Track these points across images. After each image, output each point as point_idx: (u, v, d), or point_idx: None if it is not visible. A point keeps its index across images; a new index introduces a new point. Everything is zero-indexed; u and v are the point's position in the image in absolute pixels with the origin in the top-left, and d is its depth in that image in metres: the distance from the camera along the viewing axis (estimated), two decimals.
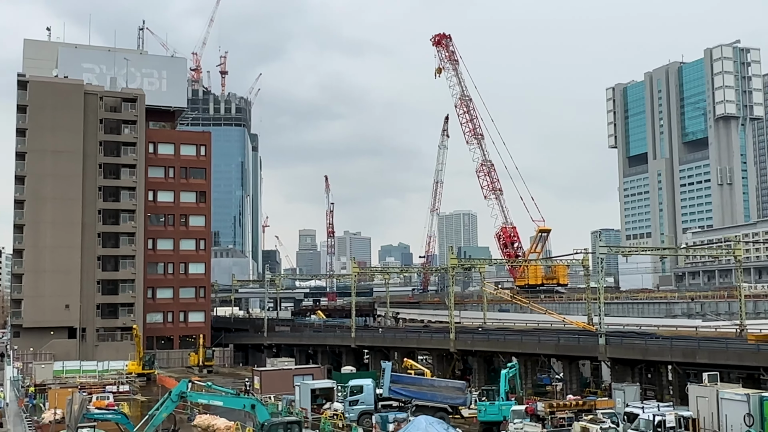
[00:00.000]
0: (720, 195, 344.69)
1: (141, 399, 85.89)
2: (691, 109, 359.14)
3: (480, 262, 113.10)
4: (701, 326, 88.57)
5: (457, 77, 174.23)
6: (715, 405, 53.30)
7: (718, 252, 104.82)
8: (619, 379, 68.88)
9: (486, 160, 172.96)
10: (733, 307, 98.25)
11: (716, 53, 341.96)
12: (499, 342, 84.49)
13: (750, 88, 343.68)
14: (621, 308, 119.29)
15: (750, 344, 64.37)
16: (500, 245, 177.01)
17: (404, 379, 70.79)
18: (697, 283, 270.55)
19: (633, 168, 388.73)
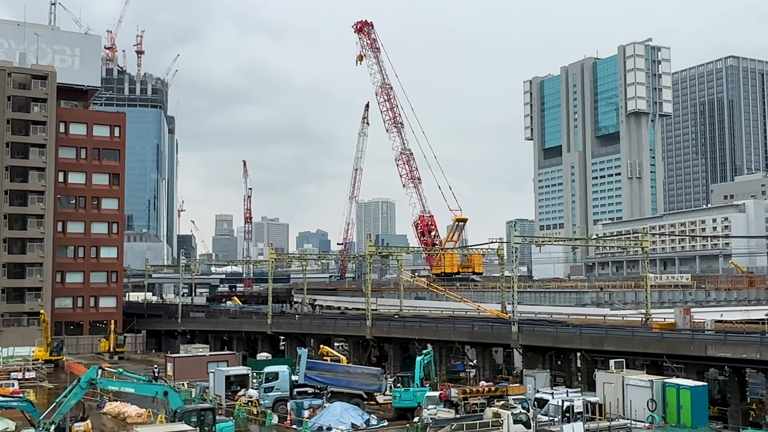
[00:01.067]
0: (629, 188, 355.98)
1: (48, 386, 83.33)
2: (605, 104, 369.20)
3: (397, 250, 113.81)
4: (609, 315, 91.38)
5: (378, 65, 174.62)
6: (620, 391, 55.18)
7: (627, 243, 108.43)
8: (531, 366, 70.51)
9: (405, 148, 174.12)
10: (639, 296, 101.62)
11: (629, 50, 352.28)
12: (414, 329, 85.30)
13: (660, 86, 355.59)
14: (533, 297, 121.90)
15: (654, 332, 66.83)
16: (418, 233, 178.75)
17: (320, 365, 70.80)
18: (606, 273, 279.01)
19: (548, 160, 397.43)
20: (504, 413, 48.99)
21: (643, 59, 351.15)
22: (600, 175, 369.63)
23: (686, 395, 51.78)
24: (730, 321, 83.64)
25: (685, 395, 51.84)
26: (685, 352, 59.92)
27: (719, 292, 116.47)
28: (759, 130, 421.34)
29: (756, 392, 65.25)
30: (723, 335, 60.59)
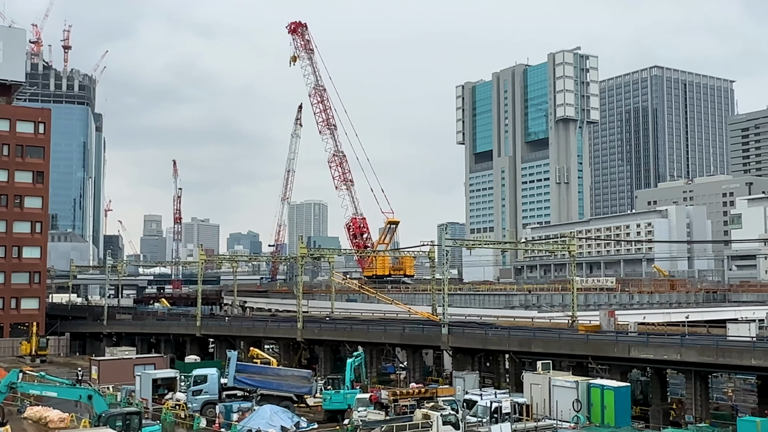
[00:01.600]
0: (558, 193, 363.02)
1: None
2: (534, 110, 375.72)
3: (329, 252, 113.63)
4: (537, 317, 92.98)
5: (312, 66, 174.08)
6: (547, 391, 56.24)
7: (554, 247, 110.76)
8: (460, 368, 71.24)
9: (338, 150, 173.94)
10: (566, 299, 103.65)
11: (558, 58, 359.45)
12: (345, 331, 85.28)
13: (588, 93, 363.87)
14: (464, 299, 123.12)
15: (580, 334, 68.35)
16: (350, 236, 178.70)
17: (249, 368, 70.15)
18: (534, 276, 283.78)
19: (479, 164, 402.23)
20: (433, 415, 49.43)
21: (572, 67, 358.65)
22: (529, 179, 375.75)
23: (610, 396, 53.08)
24: (653, 323, 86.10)
25: (608, 396, 53.14)
26: (609, 353, 61.42)
27: (642, 295, 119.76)
28: (681, 138, 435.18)
29: (676, 392, 67.40)
30: (645, 337, 62.33)
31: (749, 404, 65.39)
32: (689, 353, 56.32)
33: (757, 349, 53.75)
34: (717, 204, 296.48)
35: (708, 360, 55.49)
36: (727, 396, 71.40)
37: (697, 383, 57.29)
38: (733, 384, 75.91)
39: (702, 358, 55.68)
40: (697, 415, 56.41)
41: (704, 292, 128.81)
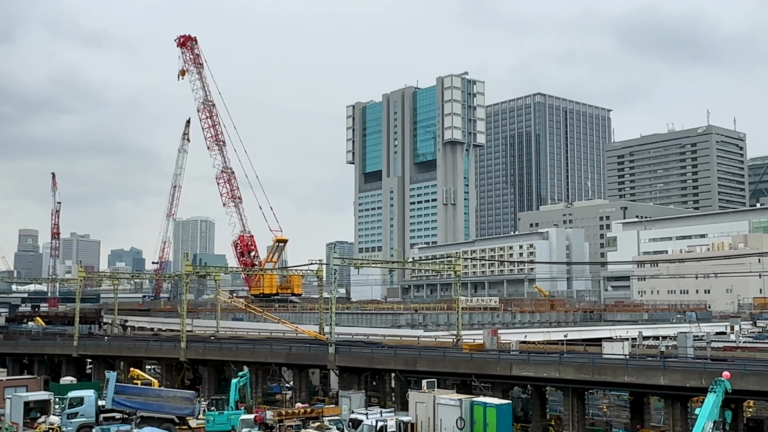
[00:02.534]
0: (445, 214, 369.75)
1: None
2: (423, 132, 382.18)
3: (215, 270, 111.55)
4: (423, 336, 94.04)
5: (201, 81, 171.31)
6: (432, 410, 56.86)
7: (441, 267, 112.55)
8: (347, 387, 71.17)
9: (227, 167, 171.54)
10: (451, 318, 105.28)
11: (447, 82, 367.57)
12: (231, 351, 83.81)
13: (474, 117, 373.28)
14: (351, 318, 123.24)
15: (464, 353, 69.59)
16: (237, 254, 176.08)
17: (129, 389, 67.88)
18: (421, 295, 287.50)
19: (368, 184, 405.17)
20: None
21: (459, 91, 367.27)
22: (418, 200, 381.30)
23: (492, 413, 54.20)
24: (533, 342, 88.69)
25: (491, 413, 54.24)
26: (492, 371, 62.80)
27: (524, 315, 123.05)
28: (562, 163, 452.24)
29: (555, 409, 69.54)
30: (526, 355, 64.09)
31: (622, 419, 68.15)
32: (567, 371, 58.26)
33: (630, 367, 56.16)
34: (594, 227, 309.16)
35: (585, 377, 57.54)
36: (602, 412, 74.18)
37: (574, 400, 59.29)
38: (608, 400, 79.02)
39: (579, 376, 57.69)
40: (574, 431, 58.35)
41: (582, 311, 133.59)
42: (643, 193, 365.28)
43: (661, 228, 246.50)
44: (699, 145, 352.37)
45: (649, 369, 55.64)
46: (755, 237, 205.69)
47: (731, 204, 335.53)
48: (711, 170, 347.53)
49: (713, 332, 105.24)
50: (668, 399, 55.52)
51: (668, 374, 53.45)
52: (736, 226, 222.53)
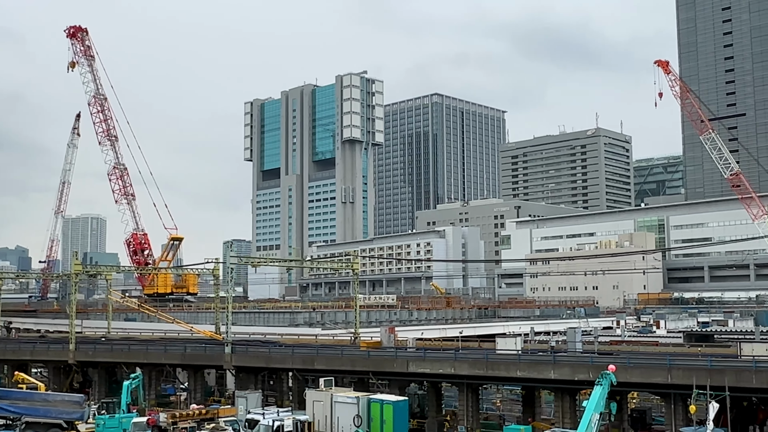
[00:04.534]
0: (343, 212, 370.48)
1: None
2: (322, 130, 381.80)
3: (107, 269, 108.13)
4: (321, 334, 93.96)
5: (92, 74, 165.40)
6: (329, 408, 56.91)
7: (339, 265, 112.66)
8: (243, 387, 70.35)
9: (119, 163, 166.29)
10: (349, 316, 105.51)
11: (346, 80, 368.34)
12: (123, 352, 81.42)
13: (373, 116, 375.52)
14: (248, 317, 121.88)
15: (362, 351, 69.96)
16: (130, 252, 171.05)
17: (13, 394, 64.98)
18: (319, 293, 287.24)
19: (266, 182, 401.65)
20: None
21: (358, 90, 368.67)
22: (316, 198, 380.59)
23: (389, 410, 54.70)
24: (430, 339, 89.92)
25: (388, 410, 54.73)
26: (389, 368, 63.32)
27: (421, 312, 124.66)
28: (458, 162, 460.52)
29: (450, 404, 70.75)
30: (423, 352, 64.96)
31: (515, 413, 69.99)
32: (462, 367, 59.38)
33: (522, 362, 57.78)
34: (489, 225, 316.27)
35: (479, 373, 58.81)
36: (495, 406, 75.98)
37: (468, 395, 60.51)
38: (501, 394, 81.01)
39: (473, 371, 58.91)
40: (468, 426, 59.56)
41: (477, 308, 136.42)
42: (536, 193, 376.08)
43: (552, 227, 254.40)
44: (588, 147, 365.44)
45: (540, 364, 57.36)
46: (640, 235, 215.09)
47: (618, 204, 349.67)
48: (599, 171, 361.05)
49: (600, 327, 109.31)
50: (558, 392, 57.38)
51: (558, 368, 55.24)
52: (622, 225, 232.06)
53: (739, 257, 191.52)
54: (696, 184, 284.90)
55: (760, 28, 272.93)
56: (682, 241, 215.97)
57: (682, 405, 49.96)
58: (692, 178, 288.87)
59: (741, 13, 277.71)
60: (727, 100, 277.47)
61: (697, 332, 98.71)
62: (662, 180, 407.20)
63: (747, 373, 47.44)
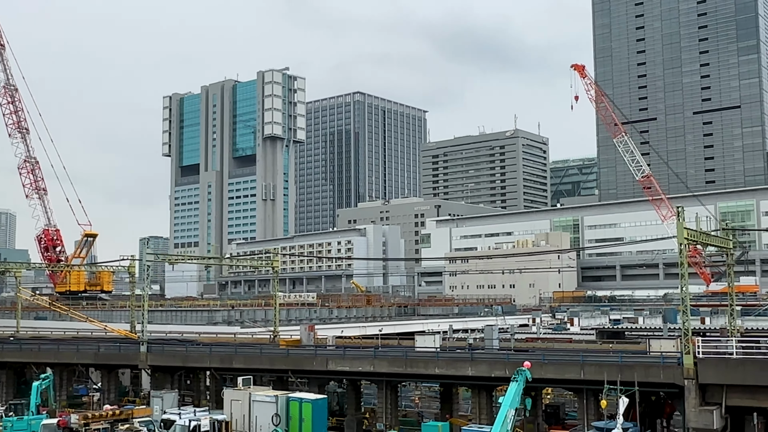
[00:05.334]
0: (264, 210, 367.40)
1: None
2: (243, 127, 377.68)
3: (16, 266, 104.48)
4: (240, 333, 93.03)
5: (3, 63, 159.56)
6: (247, 407, 56.38)
7: (258, 263, 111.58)
8: (159, 387, 69.05)
9: (30, 156, 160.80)
10: (269, 314, 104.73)
11: (268, 77, 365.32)
12: (32, 352, 78.78)
13: (295, 113, 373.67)
14: (165, 316, 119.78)
15: (281, 349, 69.55)
16: (41, 248, 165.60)
17: None
18: (238, 291, 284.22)
19: (185, 178, 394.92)
20: None
21: (280, 86, 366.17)
22: (236, 195, 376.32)
23: (308, 408, 54.56)
24: (350, 337, 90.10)
25: (306, 408, 54.59)
26: (308, 367, 63.15)
27: (341, 310, 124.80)
28: (380, 161, 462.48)
29: (369, 402, 71.06)
30: (342, 350, 65.03)
31: (433, 410, 70.79)
32: (381, 364, 59.69)
33: (440, 359, 58.46)
34: (410, 224, 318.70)
35: (398, 370, 59.22)
36: (414, 403, 76.69)
37: (387, 392, 60.86)
38: (420, 391, 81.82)
39: (393, 369, 59.29)
40: (387, 423, 59.91)
41: (397, 306, 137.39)
42: (456, 192, 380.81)
43: (471, 226, 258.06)
44: (507, 147, 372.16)
45: (458, 361, 58.13)
46: (555, 235, 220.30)
47: (535, 204, 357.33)
48: (517, 172, 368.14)
49: (517, 324, 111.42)
50: (475, 389, 58.29)
51: (476, 365, 56.10)
52: (539, 225, 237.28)
53: (649, 257, 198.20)
54: (609, 186, 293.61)
55: (671, 35, 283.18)
56: (595, 241, 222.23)
57: (593, 400, 51.41)
58: (606, 180, 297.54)
59: (653, 20, 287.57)
60: (639, 104, 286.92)
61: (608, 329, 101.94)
62: (577, 181, 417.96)
63: (655, 369, 49.14)
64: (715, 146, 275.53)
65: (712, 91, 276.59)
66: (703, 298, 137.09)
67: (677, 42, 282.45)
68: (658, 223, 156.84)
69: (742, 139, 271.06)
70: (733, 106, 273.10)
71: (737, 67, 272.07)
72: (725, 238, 58.62)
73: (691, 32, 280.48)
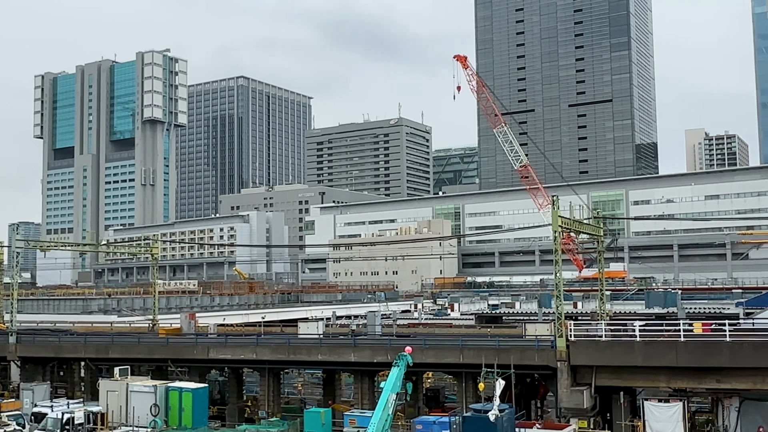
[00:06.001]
0: (143, 195, 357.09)
1: None
2: (121, 109, 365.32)
3: None
4: (117, 322, 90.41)
5: None
6: (124, 398, 54.91)
7: (137, 250, 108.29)
8: (30, 379, 66.28)
9: None
10: (148, 302, 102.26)
11: (147, 58, 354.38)
12: None
13: (176, 96, 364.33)
14: (36, 305, 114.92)
15: (160, 338, 67.96)
16: None
17: None
18: (116, 279, 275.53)
19: (59, 161, 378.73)
20: None
21: (160, 68, 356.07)
22: (114, 180, 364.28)
23: (188, 397, 53.64)
24: (232, 324, 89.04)
25: (187, 398, 53.66)
26: (189, 355, 62.01)
27: (223, 297, 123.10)
28: (264, 147, 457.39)
29: (252, 390, 70.54)
30: (224, 338, 64.21)
31: (316, 396, 70.96)
32: (264, 352, 59.31)
33: (323, 345, 58.64)
34: (294, 211, 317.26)
35: (281, 357, 59.00)
36: (297, 390, 76.61)
37: (270, 380, 60.55)
38: (303, 378, 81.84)
39: (276, 356, 59.02)
40: (269, 410, 59.63)
41: (280, 293, 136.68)
42: (340, 179, 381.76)
43: (355, 213, 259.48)
44: (391, 135, 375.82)
45: (341, 347, 58.46)
46: (437, 222, 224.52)
47: (418, 192, 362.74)
48: (401, 160, 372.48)
49: (399, 310, 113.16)
50: (358, 374, 58.79)
51: (358, 351, 56.58)
52: (422, 213, 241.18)
53: (526, 244, 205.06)
54: (489, 175, 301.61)
55: (549, 30, 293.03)
56: (475, 228, 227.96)
57: (472, 383, 52.83)
58: (486, 169, 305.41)
59: (532, 15, 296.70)
60: (518, 96, 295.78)
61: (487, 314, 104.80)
62: (459, 170, 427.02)
63: (530, 352, 50.97)
64: (588, 138, 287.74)
65: (587, 85, 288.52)
66: (576, 283, 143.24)
67: (554, 37, 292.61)
68: (535, 212, 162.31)
69: (614, 131, 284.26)
70: (605, 100, 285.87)
71: (609, 62, 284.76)
72: (596, 226, 61.35)
73: (567, 27, 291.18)
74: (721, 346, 45.95)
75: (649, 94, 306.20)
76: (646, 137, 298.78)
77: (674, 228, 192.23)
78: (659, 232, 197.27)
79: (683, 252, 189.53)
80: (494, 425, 35.64)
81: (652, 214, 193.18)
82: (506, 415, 36.73)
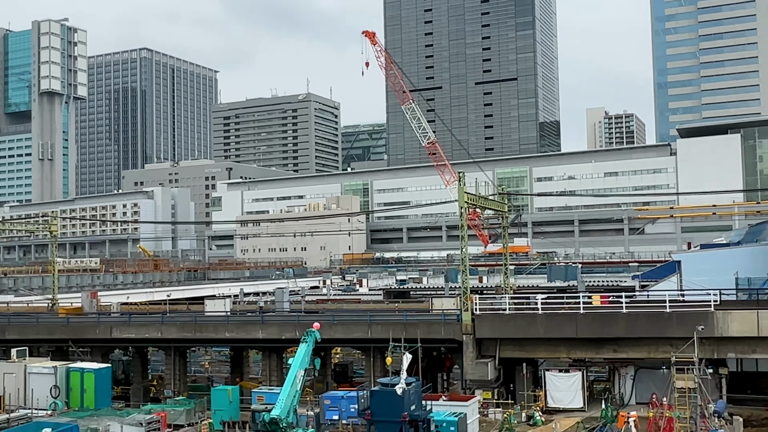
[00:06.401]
0: (41, 170, 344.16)
1: None
2: (16, 80, 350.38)
3: None
4: (13, 302, 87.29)
5: None
6: (22, 380, 53.25)
7: (35, 227, 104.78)
8: None
9: None
10: (47, 281, 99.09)
11: (44, 27, 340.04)
12: None
13: (75, 68, 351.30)
14: None
15: (60, 318, 66.04)
16: None
17: None
18: (12, 257, 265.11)
19: None
20: None
21: (58, 39, 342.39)
22: (9, 154, 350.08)
23: (90, 378, 52.41)
24: (136, 303, 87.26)
25: (89, 378, 52.42)
26: (91, 335, 60.56)
27: (127, 275, 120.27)
28: (168, 121, 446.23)
29: (157, 369, 69.49)
30: (128, 317, 62.91)
31: (223, 374, 70.44)
32: (170, 330, 58.46)
33: (231, 323, 58.22)
34: (200, 187, 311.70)
35: (187, 335, 58.28)
36: (204, 368, 75.85)
37: (176, 358, 59.78)
38: (210, 356, 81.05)
39: (182, 335, 58.26)
40: (175, 389, 58.90)
41: (186, 270, 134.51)
42: (248, 155, 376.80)
43: (263, 189, 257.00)
44: (299, 111, 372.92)
45: (248, 324, 58.17)
46: (346, 198, 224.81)
47: (326, 168, 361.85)
48: (309, 135, 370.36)
49: (308, 287, 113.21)
50: (266, 351, 58.69)
51: (266, 328, 56.42)
52: (330, 189, 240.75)
53: (433, 220, 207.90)
54: (398, 151, 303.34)
55: (456, 8, 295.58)
56: (384, 204, 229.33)
57: (380, 357, 53.48)
58: (394, 146, 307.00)
59: None
60: (426, 73, 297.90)
61: (395, 290, 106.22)
62: (368, 146, 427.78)
63: (437, 326, 51.95)
64: (494, 116, 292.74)
65: (492, 63, 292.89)
66: (481, 258, 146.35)
67: (462, 15, 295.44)
68: (442, 188, 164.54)
69: (518, 109, 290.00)
70: (511, 78, 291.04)
71: (515, 41, 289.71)
72: (501, 202, 62.75)
73: (474, 5, 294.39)
74: (617, 317, 47.94)
75: (552, 73, 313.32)
76: (549, 116, 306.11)
77: (575, 204, 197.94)
78: (561, 208, 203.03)
79: (583, 227, 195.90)
80: (401, 398, 36.20)
81: (554, 191, 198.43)
82: (413, 388, 37.35)
